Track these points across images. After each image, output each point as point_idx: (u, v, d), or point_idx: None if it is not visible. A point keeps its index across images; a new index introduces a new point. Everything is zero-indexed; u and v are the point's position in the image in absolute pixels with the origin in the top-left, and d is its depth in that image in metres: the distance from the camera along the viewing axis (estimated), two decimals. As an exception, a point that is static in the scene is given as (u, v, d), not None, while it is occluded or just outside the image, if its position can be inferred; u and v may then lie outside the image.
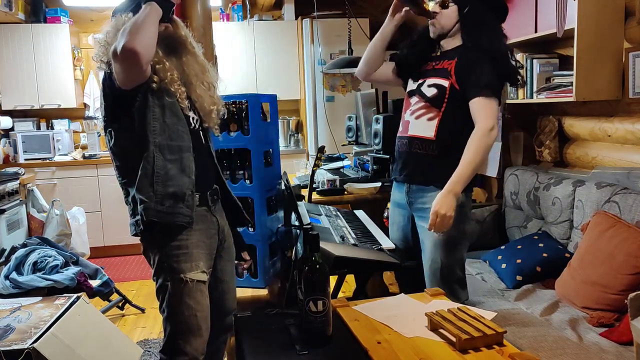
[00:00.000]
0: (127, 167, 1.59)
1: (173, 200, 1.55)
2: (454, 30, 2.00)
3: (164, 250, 1.58)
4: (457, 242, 1.98)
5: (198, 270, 1.59)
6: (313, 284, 1.29)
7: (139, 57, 1.40)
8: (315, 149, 4.48)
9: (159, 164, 1.54)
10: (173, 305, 1.58)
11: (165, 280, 1.58)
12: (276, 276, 2.06)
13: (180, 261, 1.57)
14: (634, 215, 2.06)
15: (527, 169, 2.92)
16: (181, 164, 1.58)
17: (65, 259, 2.81)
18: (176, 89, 1.59)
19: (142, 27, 1.42)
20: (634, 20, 2.33)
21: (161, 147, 1.54)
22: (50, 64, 4.88)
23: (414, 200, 2.06)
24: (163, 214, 1.54)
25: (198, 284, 1.59)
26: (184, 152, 1.59)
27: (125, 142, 1.58)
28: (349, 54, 3.94)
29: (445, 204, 1.83)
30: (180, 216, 1.57)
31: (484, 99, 1.89)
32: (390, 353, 1.26)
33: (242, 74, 5.18)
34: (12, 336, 2.05)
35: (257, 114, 1.90)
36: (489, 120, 1.87)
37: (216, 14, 5.22)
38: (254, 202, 1.91)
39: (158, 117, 1.55)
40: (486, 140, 1.86)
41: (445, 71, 1.98)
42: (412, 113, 2.05)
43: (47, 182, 4.76)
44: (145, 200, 1.54)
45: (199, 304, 1.59)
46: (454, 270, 1.99)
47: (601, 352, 1.75)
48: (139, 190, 1.55)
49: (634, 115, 2.36)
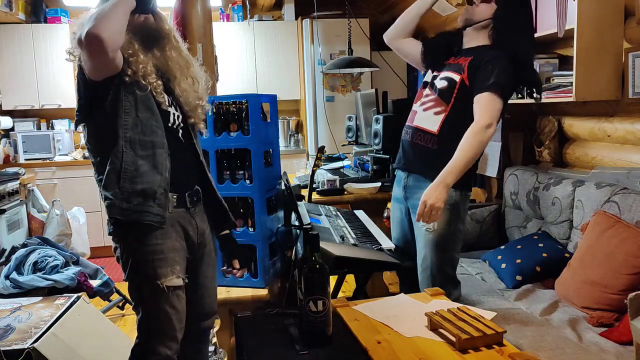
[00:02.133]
0: (101, 164, 1.53)
1: (142, 198, 1.48)
2: (481, 25, 1.97)
3: (137, 255, 1.52)
4: (447, 242, 1.98)
5: (174, 275, 1.53)
6: (313, 284, 1.29)
7: (103, 43, 1.33)
8: (315, 149, 4.48)
9: (128, 159, 1.48)
10: (149, 310, 1.54)
11: (140, 285, 1.53)
12: (276, 276, 2.06)
13: (156, 267, 1.51)
14: (633, 215, 2.06)
15: (527, 169, 2.92)
16: (154, 160, 1.51)
17: (65, 259, 2.81)
18: (150, 82, 1.53)
19: (108, 13, 1.37)
20: (634, 20, 2.33)
21: (132, 142, 1.48)
22: (50, 64, 4.88)
23: (410, 196, 2.07)
24: (130, 212, 1.48)
25: (175, 289, 1.54)
26: (157, 148, 1.52)
27: (97, 137, 1.54)
28: (349, 54, 3.95)
29: (435, 195, 1.83)
30: (150, 215, 1.49)
31: (489, 95, 1.87)
32: (390, 353, 1.26)
33: (242, 74, 5.19)
34: (12, 336, 2.06)
35: (257, 114, 1.90)
36: (487, 118, 1.85)
37: (216, 14, 5.23)
38: (254, 202, 1.91)
39: (130, 111, 1.49)
40: (481, 137, 1.85)
41: (459, 66, 1.98)
42: (421, 104, 2.05)
43: (47, 182, 4.77)
44: (111, 197, 1.48)
45: (174, 309, 1.54)
46: (444, 269, 1.99)
47: (601, 352, 1.75)
48: (105, 187, 1.49)
49: (634, 115, 2.36)
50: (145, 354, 1.55)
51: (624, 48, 2.38)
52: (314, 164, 2.88)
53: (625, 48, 2.38)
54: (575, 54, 2.35)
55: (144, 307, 1.55)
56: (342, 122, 4.13)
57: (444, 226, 1.96)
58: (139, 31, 1.55)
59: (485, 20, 1.97)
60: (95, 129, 1.54)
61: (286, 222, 2.10)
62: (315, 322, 1.30)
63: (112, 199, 1.49)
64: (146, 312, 1.55)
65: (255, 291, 1.92)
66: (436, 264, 1.98)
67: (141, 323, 1.56)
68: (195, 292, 1.69)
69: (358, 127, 3.83)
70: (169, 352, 1.55)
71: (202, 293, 1.72)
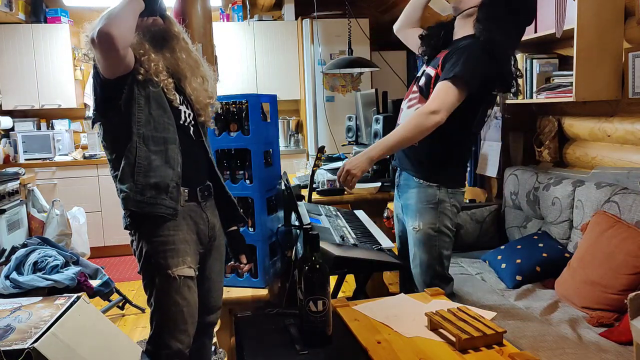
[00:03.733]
0: (117, 161, 1.60)
1: (155, 191, 1.55)
2: (467, 13, 1.92)
3: (150, 246, 1.58)
4: (433, 239, 1.97)
5: (185, 265, 1.59)
6: (313, 284, 1.29)
7: (113, 39, 1.41)
8: (315, 149, 4.48)
9: (141, 154, 1.55)
10: (160, 301, 1.58)
11: (153, 276, 1.58)
12: (276, 276, 2.06)
13: (167, 257, 1.57)
14: (633, 215, 2.06)
15: (527, 169, 2.92)
16: (166, 155, 1.58)
17: (65, 258, 2.82)
18: (161, 80, 1.60)
19: (118, 13, 1.45)
20: (634, 20, 2.33)
21: (145, 138, 1.55)
22: (50, 64, 4.88)
23: (401, 195, 2.08)
24: (144, 204, 1.55)
25: (185, 279, 1.59)
26: (169, 144, 1.59)
27: (113, 135, 1.60)
28: (349, 54, 3.94)
29: (355, 162, 1.85)
30: (162, 207, 1.56)
31: (445, 84, 1.81)
32: (390, 353, 1.26)
33: (242, 74, 5.19)
34: (12, 336, 2.06)
35: (257, 114, 1.90)
36: (434, 104, 1.80)
37: (216, 14, 5.23)
38: (254, 202, 1.91)
39: (143, 108, 1.56)
40: (421, 120, 1.80)
41: (437, 60, 1.95)
42: (408, 101, 2.05)
43: (47, 182, 4.77)
44: (126, 190, 1.55)
45: (185, 300, 1.59)
46: (432, 266, 1.99)
47: (601, 351, 1.75)
48: (120, 181, 1.56)
49: (634, 115, 2.36)
50: (157, 348, 1.59)
51: (624, 48, 2.38)
52: (314, 164, 2.88)
53: (625, 48, 2.38)
54: (575, 54, 2.35)
55: (156, 298, 1.59)
56: (342, 122, 4.13)
57: (429, 224, 1.96)
58: (148, 32, 1.62)
59: (472, 8, 1.90)
60: (111, 127, 1.60)
61: (286, 222, 2.10)
62: (315, 322, 1.30)
63: (127, 192, 1.55)
64: (158, 304, 1.59)
65: (255, 291, 1.92)
66: (425, 262, 1.99)
67: (153, 315, 1.61)
68: (202, 285, 1.73)
69: (358, 127, 3.83)
70: (181, 345, 1.59)
71: (209, 287, 1.77)
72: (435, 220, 1.95)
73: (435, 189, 1.95)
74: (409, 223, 2.02)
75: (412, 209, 1.99)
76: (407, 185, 2.03)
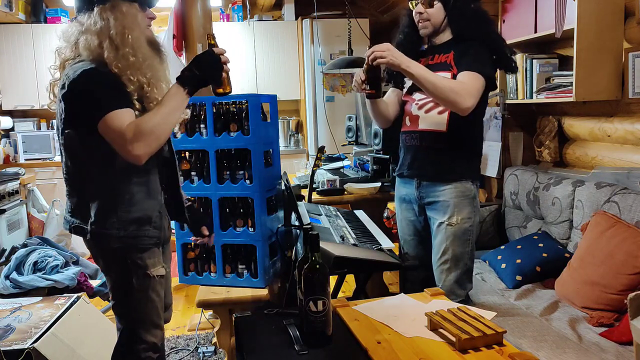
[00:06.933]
0: (79, 172, 1.54)
1: (137, 225, 1.55)
2: (443, 26, 2.02)
3: (124, 246, 1.56)
4: (468, 233, 2.00)
5: (159, 265, 1.62)
6: (313, 284, 1.29)
7: (140, 159, 1.44)
8: (315, 149, 4.48)
9: (123, 188, 1.52)
10: (138, 299, 1.59)
11: (129, 275, 1.58)
12: (276, 276, 2.06)
13: (144, 257, 1.58)
14: (633, 215, 2.06)
15: (527, 169, 2.92)
16: (147, 187, 1.57)
17: (65, 258, 2.82)
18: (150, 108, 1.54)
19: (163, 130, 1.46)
20: (634, 20, 2.33)
21: (128, 170, 1.51)
22: (50, 64, 4.88)
23: (425, 195, 2.06)
24: (125, 238, 1.54)
25: (160, 278, 1.62)
26: (150, 175, 1.58)
27: (82, 151, 1.52)
28: (349, 54, 3.94)
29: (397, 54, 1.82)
30: (146, 239, 1.57)
31: (469, 73, 1.89)
32: (390, 353, 1.26)
33: (242, 74, 5.19)
34: (12, 336, 2.06)
35: (257, 114, 1.90)
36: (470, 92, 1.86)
37: (216, 14, 5.23)
38: (254, 202, 1.91)
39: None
40: (459, 94, 1.82)
41: (445, 64, 1.99)
42: (420, 107, 2.05)
43: (47, 182, 4.77)
44: (107, 229, 1.51)
45: (159, 297, 1.63)
46: (464, 260, 2.00)
47: (601, 352, 1.75)
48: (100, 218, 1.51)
49: (634, 115, 2.36)
50: (132, 343, 1.61)
51: (624, 48, 2.38)
52: (314, 164, 2.88)
53: (625, 48, 2.38)
54: (575, 54, 2.35)
55: (133, 296, 1.60)
56: (342, 122, 4.13)
57: (466, 219, 1.98)
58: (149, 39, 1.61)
59: (444, 20, 2.01)
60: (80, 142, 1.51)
61: (286, 222, 2.10)
62: (315, 322, 1.30)
63: (109, 230, 1.52)
64: (134, 302, 1.60)
65: (255, 291, 1.92)
66: (458, 256, 2.00)
67: (125, 314, 1.63)
68: None
69: (358, 127, 3.83)
70: (155, 339, 1.63)
71: (167, 284, 1.78)
72: (471, 214, 1.99)
73: (470, 184, 2.00)
74: (440, 219, 2.00)
75: (447, 204, 1.99)
76: (435, 185, 2.02)
